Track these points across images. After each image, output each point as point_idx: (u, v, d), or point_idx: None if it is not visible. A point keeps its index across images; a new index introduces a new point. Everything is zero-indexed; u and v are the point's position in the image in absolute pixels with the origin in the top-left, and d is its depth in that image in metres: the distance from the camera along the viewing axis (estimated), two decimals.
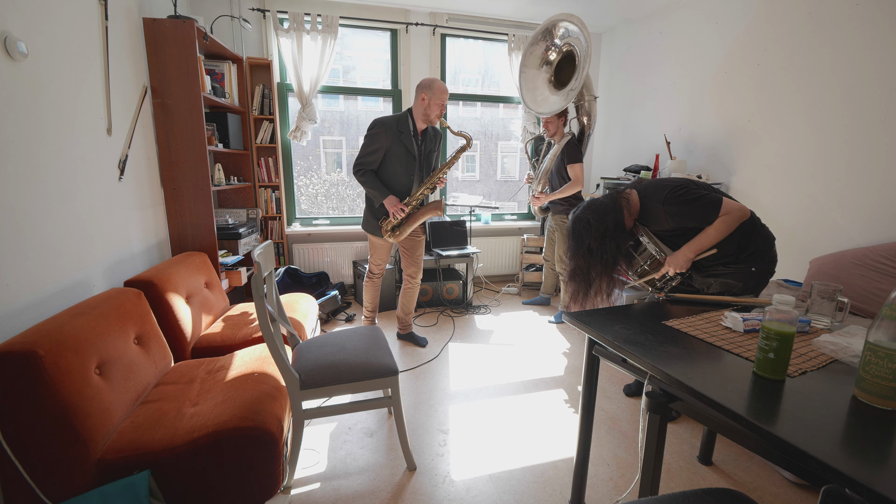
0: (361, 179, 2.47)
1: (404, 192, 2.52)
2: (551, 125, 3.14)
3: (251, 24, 3.29)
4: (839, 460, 0.72)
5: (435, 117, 2.44)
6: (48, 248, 1.61)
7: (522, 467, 1.79)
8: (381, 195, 2.44)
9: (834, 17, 2.35)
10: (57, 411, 1.22)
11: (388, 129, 2.40)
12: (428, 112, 2.42)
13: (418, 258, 2.75)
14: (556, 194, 3.14)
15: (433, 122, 2.47)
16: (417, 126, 2.47)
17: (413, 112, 2.47)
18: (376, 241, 2.64)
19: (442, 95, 2.40)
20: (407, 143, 2.44)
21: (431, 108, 2.41)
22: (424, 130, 2.52)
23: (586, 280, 1.66)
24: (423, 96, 2.40)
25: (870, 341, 0.87)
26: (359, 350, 1.77)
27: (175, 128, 2.42)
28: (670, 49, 3.48)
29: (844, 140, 2.33)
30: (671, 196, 1.68)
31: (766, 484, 1.71)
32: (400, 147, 2.43)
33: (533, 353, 2.85)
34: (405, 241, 2.70)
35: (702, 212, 1.65)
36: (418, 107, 2.43)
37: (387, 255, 2.71)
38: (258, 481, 1.39)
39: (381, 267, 2.75)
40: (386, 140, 2.41)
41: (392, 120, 2.44)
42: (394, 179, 2.49)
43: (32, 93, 1.56)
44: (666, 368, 1.04)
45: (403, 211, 2.45)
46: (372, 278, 2.79)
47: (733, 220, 1.63)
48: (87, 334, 1.40)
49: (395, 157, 2.44)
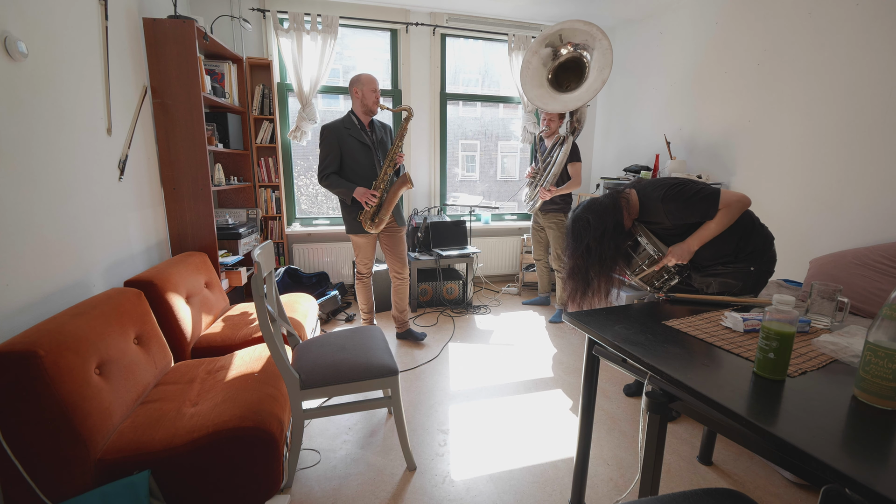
0: (326, 184, 2.54)
1: (371, 180, 2.58)
2: (554, 123, 3.21)
3: (251, 24, 3.29)
4: (839, 460, 0.72)
5: (373, 104, 2.52)
6: (48, 248, 1.61)
7: (522, 467, 1.79)
8: (348, 190, 2.51)
9: (834, 17, 2.35)
10: (57, 411, 1.22)
11: (334, 130, 2.51)
12: (365, 102, 2.51)
13: (401, 253, 2.78)
14: (560, 190, 3.22)
15: (374, 109, 2.55)
16: (363, 120, 2.57)
17: (354, 109, 2.57)
18: (358, 240, 2.69)
19: (371, 83, 2.50)
20: (357, 136, 2.53)
21: (367, 97, 2.50)
22: (371, 123, 2.61)
23: (584, 279, 1.66)
24: (355, 90, 2.51)
25: (870, 341, 0.87)
26: (359, 350, 1.77)
27: (175, 128, 2.42)
28: (670, 49, 3.48)
29: (844, 140, 2.33)
30: (669, 193, 1.68)
31: (766, 484, 1.70)
32: (352, 141, 2.52)
33: (533, 353, 2.85)
34: (386, 238, 2.74)
35: (701, 206, 1.65)
36: (355, 102, 2.54)
37: (371, 252, 2.75)
38: (258, 481, 1.39)
39: (368, 266, 2.79)
40: (335, 139, 2.50)
41: (337, 122, 2.55)
42: (357, 172, 2.56)
43: (32, 93, 1.56)
44: (666, 368, 1.04)
45: (375, 196, 2.50)
46: (361, 279, 2.83)
47: (734, 210, 1.63)
48: (87, 334, 1.40)
49: (351, 152, 2.53)
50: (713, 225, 1.64)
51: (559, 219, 3.26)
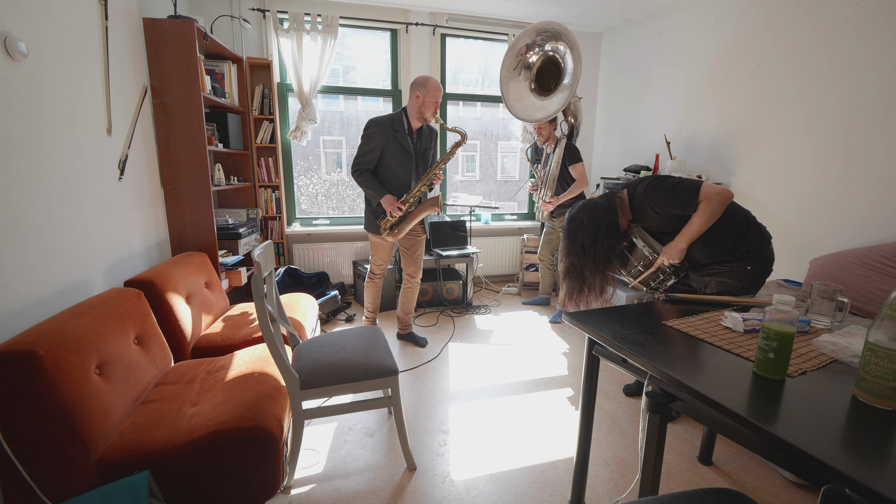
0: (359, 180, 2.48)
1: (402, 190, 2.53)
2: (544, 130, 3.19)
3: (251, 24, 3.29)
4: (839, 460, 0.72)
5: (430, 115, 2.44)
6: (48, 248, 1.61)
7: (522, 467, 1.79)
8: (377, 194, 2.45)
9: (834, 17, 2.35)
10: (57, 411, 1.22)
11: (382, 128, 2.42)
12: (423, 110, 2.43)
13: (418, 257, 2.75)
14: (566, 196, 3.17)
15: (428, 119, 2.48)
16: (413, 124, 2.48)
17: (408, 110, 2.48)
18: (377, 240, 2.64)
19: (436, 93, 2.40)
20: (402, 142, 2.45)
21: (426, 106, 2.41)
22: (420, 129, 2.52)
23: (580, 278, 1.68)
24: (417, 94, 2.41)
25: (870, 341, 0.87)
26: (359, 350, 1.77)
27: (175, 128, 2.42)
28: (670, 49, 3.48)
29: (844, 140, 2.33)
30: (652, 184, 1.71)
31: (766, 484, 1.70)
32: (395, 145, 2.44)
33: (533, 353, 2.84)
34: (405, 241, 2.70)
35: (682, 197, 1.66)
36: (413, 105, 2.44)
37: (388, 255, 2.71)
38: (258, 481, 1.39)
39: (383, 267, 2.75)
40: (381, 139, 2.42)
41: (387, 119, 2.45)
42: (391, 178, 2.50)
43: (32, 93, 1.56)
44: (666, 368, 1.04)
45: (400, 209, 2.45)
46: (373, 279, 2.79)
47: (715, 203, 1.64)
48: (87, 334, 1.40)
49: (392, 155, 2.45)
50: (697, 219, 1.65)
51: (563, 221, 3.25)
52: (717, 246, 1.71)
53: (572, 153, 3.14)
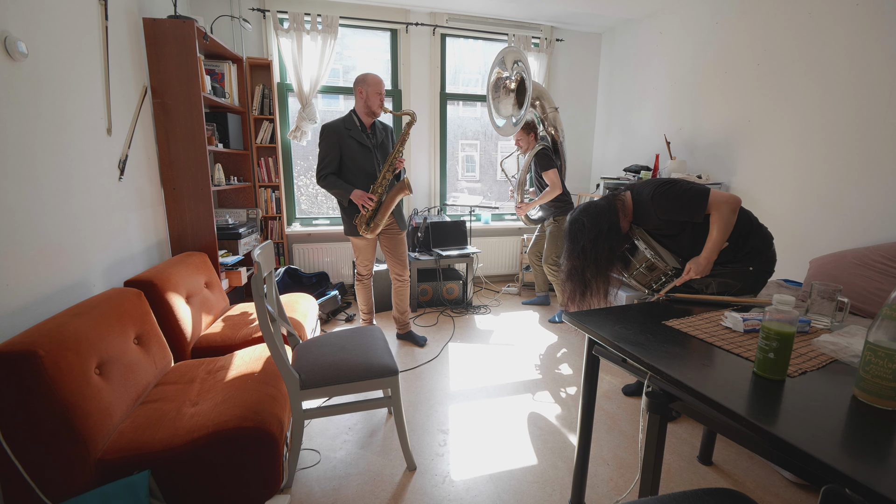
0: (324, 184, 2.51)
1: (370, 183, 2.56)
2: (522, 142, 3.29)
3: (251, 24, 3.29)
4: (839, 460, 0.72)
5: (377, 107, 2.48)
6: (48, 248, 1.61)
7: (522, 467, 1.79)
8: (345, 192, 2.48)
9: (834, 17, 2.35)
10: (57, 411, 1.22)
11: (334, 130, 2.47)
12: (369, 104, 2.47)
13: (402, 255, 2.76)
14: (536, 201, 3.27)
15: (377, 112, 2.51)
16: (364, 121, 2.53)
17: (356, 109, 2.53)
18: (358, 241, 2.67)
19: (377, 85, 2.46)
20: (358, 138, 2.49)
21: (371, 100, 2.46)
22: (373, 125, 2.57)
23: (582, 281, 1.67)
24: (360, 90, 2.46)
25: (870, 341, 0.87)
26: (359, 350, 1.77)
27: (175, 128, 2.42)
28: (670, 49, 3.48)
29: (844, 140, 2.33)
30: (659, 191, 1.70)
31: (766, 484, 1.70)
32: (352, 143, 2.48)
33: (533, 353, 2.84)
34: (385, 241, 2.72)
35: (690, 205, 1.65)
36: (359, 102, 2.49)
37: (371, 254, 2.73)
38: (258, 481, 1.39)
39: (369, 268, 2.77)
40: (336, 140, 2.46)
41: (338, 122, 2.50)
42: (357, 174, 2.53)
43: (32, 93, 1.56)
44: (666, 368, 1.04)
45: (371, 200, 2.47)
46: (361, 280, 2.81)
47: (727, 212, 1.63)
48: (87, 334, 1.40)
49: (351, 153, 2.49)
50: (715, 232, 1.64)
51: (550, 224, 3.29)
52: None
53: (543, 160, 3.17)
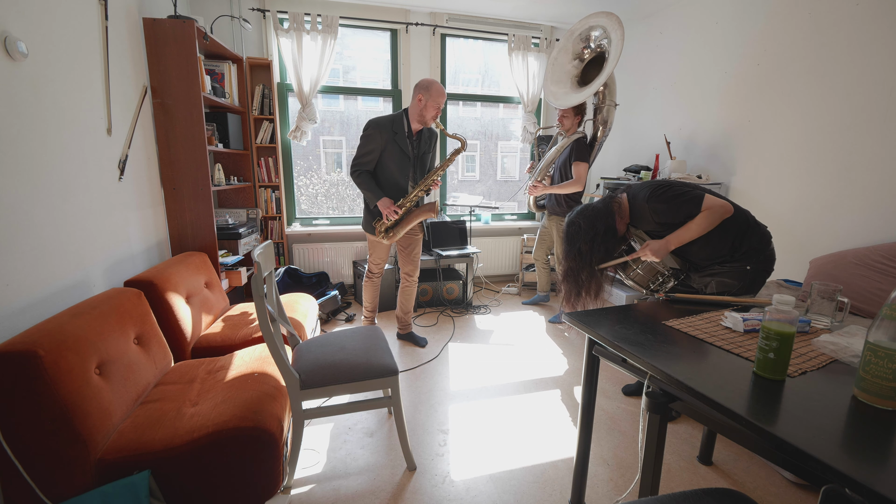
0: (357, 181, 2.47)
1: (399, 192, 2.52)
2: (567, 120, 3.05)
3: (251, 24, 3.29)
4: (839, 460, 0.72)
5: (430, 119, 2.43)
6: (48, 248, 1.61)
7: (522, 467, 1.79)
8: (374, 197, 2.44)
9: (834, 17, 2.35)
10: (57, 411, 1.22)
11: (382, 129, 2.40)
12: (424, 113, 2.41)
13: (415, 256, 2.75)
14: (554, 188, 3.08)
15: (428, 123, 2.46)
16: (413, 127, 2.46)
17: (409, 113, 2.46)
18: (375, 239, 2.63)
19: (439, 98, 2.38)
20: (401, 144, 2.44)
21: (427, 110, 2.39)
22: (420, 132, 2.50)
23: (577, 282, 1.69)
24: (419, 97, 2.38)
25: (870, 341, 0.87)
26: (359, 350, 1.77)
27: (175, 128, 2.42)
28: (670, 49, 3.48)
29: (844, 140, 2.33)
30: (654, 194, 1.71)
31: (766, 484, 1.70)
32: (394, 147, 2.43)
33: (533, 353, 2.84)
34: (402, 240, 2.70)
35: (686, 208, 1.67)
36: (414, 107, 2.42)
37: (386, 254, 2.70)
38: (258, 481, 1.39)
39: (381, 266, 2.75)
40: (380, 140, 2.40)
41: (387, 120, 2.43)
42: (389, 180, 2.49)
43: (32, 93, 1.56)
44: (666, 368, 1.04)
45: (396, 213, 2.45)
46: (371, 278, 2.79)
47: (715, 214, 1.65)
48: (87, 334, 1.40)
49: (390, 157, 2.44)
50: (693, 227, 1.66)
51: (561, 222, 3.18)
52: (718, 246, 1.71)
53: (581, 150, 2.96)
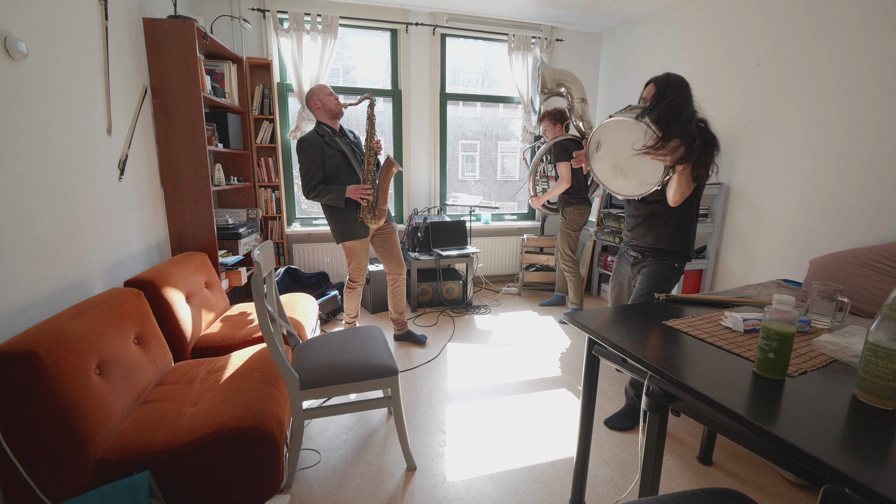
0: (315, 195, 2.45)
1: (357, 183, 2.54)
2: (549, 132, 3.33)
3: (251, 24, 3.29)
4: (839, 460, 0.72)
5: (335, 106, 2.50)
6: (48, 248, 1.61)
7: (522, 467, 1.79)
8: (340, 193, 2.45)
9: (834, 17, 2.35)
10: (57, 411, 1.22)
11: (311, 141, 2.44)
12: (328, 107, 2.48)
13: (397, 253, 2.74)
14: (547, 195, 3.30)
15: (337, 110, 2.51)
16: (333, 126, 2.54)
17: (320, 121, 2.53)
18: (353, 245, 2.58)
19: (324, 91, 2.49)
20: (334, 144, 2.49)
21: (326, 103, 2.48)
22: (341, 128, 2.60)
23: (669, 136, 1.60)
24: (313, 102, 2.49)
25: (870, 341, 0.87)
26: (359, 350, 1.77)
27: (175, 128, 2.42)
28: (670, 49, 3.48)
29: (844, 140, 2.33)
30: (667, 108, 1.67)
31: (766, 484, 1.70)
32: (331, 149, 2.48)
33: (533, 353, 2.84)
34: (379, 241, 2.70)
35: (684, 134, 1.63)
36: (318, 113, 2.51)
37: (366, 257, 2.65)
38: (258, 481, 1.39)
39: (363, 273, 2.68)
40: (317, 150, 2.44)
41: (310, 134, 2.49)
42: (343, 180, 2.51)
43: (32, 93, 1.56)
44: (666, 368, 1.04)
45: (367, 189, 2.47)
46: (354, 287, 2.71)
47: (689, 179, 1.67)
48: (87, 334, 1.40)
49: (333, 158, 2.48)
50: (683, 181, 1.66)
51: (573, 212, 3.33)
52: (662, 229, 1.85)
53: (558, 151, 3.14)
